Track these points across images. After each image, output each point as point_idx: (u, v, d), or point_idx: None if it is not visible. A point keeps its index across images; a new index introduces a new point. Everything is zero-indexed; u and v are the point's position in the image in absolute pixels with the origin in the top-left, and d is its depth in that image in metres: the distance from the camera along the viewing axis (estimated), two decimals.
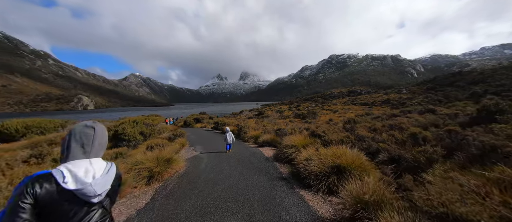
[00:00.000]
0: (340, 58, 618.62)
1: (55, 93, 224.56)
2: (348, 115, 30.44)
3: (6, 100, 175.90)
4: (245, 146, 9.87)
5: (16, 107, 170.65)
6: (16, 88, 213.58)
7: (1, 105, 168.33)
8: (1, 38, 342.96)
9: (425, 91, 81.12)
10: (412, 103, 51.57)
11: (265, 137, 9.66)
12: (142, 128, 10.52)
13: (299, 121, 24.49)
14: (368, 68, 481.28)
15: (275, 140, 9.33)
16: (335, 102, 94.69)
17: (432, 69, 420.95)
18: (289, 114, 33.91)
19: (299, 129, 10.84)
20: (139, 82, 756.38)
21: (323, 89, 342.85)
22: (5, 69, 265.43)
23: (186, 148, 9.63)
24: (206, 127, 20.99)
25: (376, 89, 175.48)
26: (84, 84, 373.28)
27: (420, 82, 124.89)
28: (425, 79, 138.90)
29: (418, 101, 52.40)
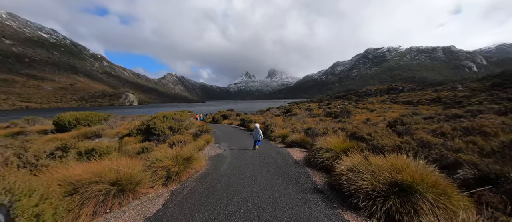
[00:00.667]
0: (378, 52, 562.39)
1: (108, 91, 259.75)
2: (390, 114, 26.84)
3: (73, 97, 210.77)
4: (272, 145, 9.05)
5: (79, 102, 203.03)
6: (80, 86, 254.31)
7: (69, 100, 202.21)
8: (69, 44, 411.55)
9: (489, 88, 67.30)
10: (470, 102, 43.29)
11: (294, 136, 8.66)
12: (171, 123, 10.61)
13: (331, 120, 22.45)
14: (412, 63, 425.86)
15: (305, 140, 8.28)
16: (372, 101, 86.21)
17: (499, 61, 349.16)
18: (319, 112, 31.67)
19: (333, 129, 9.46)
20: (175, 80, 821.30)
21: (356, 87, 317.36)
22: (72, 70, 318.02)
23: (211, 144, 9.29)
24: (232, 123, 20.81)
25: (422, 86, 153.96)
26: (130, 83, 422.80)
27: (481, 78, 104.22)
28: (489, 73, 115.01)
29: (478, 100, 43.74)
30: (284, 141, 9.16)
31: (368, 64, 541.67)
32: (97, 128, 10.88)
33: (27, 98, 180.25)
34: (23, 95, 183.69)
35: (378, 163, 3.63)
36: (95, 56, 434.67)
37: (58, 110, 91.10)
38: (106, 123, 12.63)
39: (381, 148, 4.52)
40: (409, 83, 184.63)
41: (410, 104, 59.72)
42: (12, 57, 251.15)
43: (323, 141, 6.36)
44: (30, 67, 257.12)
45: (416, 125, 7.86)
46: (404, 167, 3.36)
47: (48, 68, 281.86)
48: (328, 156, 5.49)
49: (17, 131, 13.60)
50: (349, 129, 9.29)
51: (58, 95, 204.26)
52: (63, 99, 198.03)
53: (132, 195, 3.96)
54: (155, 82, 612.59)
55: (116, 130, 11.12)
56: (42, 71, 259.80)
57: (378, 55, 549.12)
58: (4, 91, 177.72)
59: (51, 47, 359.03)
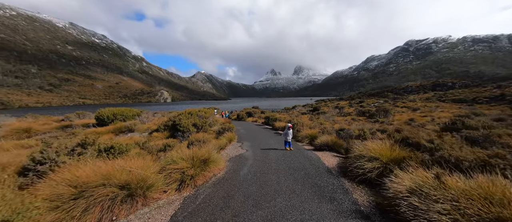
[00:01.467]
0: (421, 44, 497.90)
1: (146, 89, 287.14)
2: (438, 114, 22.96)
3: (118, 94, 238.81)
4: (299, 147, 8.13)
5: (124, 99, 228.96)
6: (124, 85, 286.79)
7: (115, 97, 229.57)
8: (116, 48, 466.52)
9: None
10: None
11: (324, 138, 7.57)
12: (195, 119, 10.51)
13: (365, 119, 20.12)
14: (466, 55, 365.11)
15: (338, 143, 7.15)
16: (413, 99, 76.72)
17: None
18: (351, 111, 29.00)
19: (370, 131, 8.03)
20: (203, 79, 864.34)
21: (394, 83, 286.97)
22: (118, 71, 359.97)
23: (233, 143, 8.82)
24: (257, 121, 20.27)
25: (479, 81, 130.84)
26: (165, 81, 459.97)
27: None
28: None
29: None
30: (312, 142, 8.14)
31: (409, 58, 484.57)
32: (131, 122, 11.49)
33: (83, 96, 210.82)
34: (80, 93, 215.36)
35: (459, 187, 2.49)
36: (136, 58, 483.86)
37: (106, 106, 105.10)
38: (138, 118, 13.33)
39: (455, 162, 3.26)
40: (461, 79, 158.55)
41: (462, 103, 51.18)
42: (73, 61, 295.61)
43: (362, 147, 5.21)
44: (86, 68, 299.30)
45: (492, 130, 6.00)
46: (509, 198, 2.19)
47: (99, 69, 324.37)
48: (371, 167, 4.37)
49: (67, 124, 15.26)
50: (391, 131, 7.79)
51: (107, 93, 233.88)
52: (111, 97, 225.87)
53: (142, 200, 3.59)
54: (186, 80, 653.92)
55: (147, 125, 11.58)
56: (95, 72, 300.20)
57: (422, 47, 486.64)
58: (67, 89, 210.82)
59: (102, 50, 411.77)
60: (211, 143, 6.96)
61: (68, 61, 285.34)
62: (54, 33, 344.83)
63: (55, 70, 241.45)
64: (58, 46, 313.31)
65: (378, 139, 6.08)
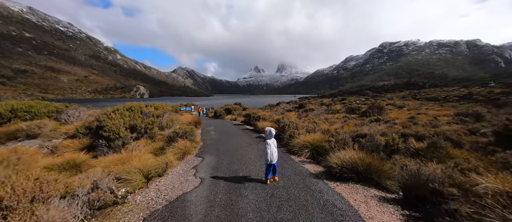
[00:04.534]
0: (394, 47, 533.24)
1: (121, 83, 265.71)
2: (431, 112, 22.30)
3: (87, 88, 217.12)
4: (295, 167, 4.99)
5: (93, 94, 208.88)
6: (94, 79, 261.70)
7: (83, 92, 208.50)
8: (85, 38, 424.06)
9: None
10: (510, 99, 37.43)
11: (344, 154, 4.38)
12: (135, 119, 7.34)
13: (357, 117, 18.44)
14: (431, 58, 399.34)
15: (375, 166, 3.96)
16: (391, 97, 79.97)
17: None
18: (339, 108, 27.52)
19: (398, 136, 5.71)
20: (185, 74, 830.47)
21: (370, 82, 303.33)
22: (87, 63, 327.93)
23: (188, 159, 5.74)
24: (236, 119, 17.43)
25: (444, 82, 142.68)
26: (142, 76, 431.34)
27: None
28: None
29: None
30: (317, 157, 5.41)
31: (383, 59, 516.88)
32: (37, 123, 7.72)
33: (45, 89, 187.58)
34: (41, 86, 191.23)
35: None
36: (109, 49, 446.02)
37: (71, 101, 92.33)
38: (63, 115, 9.55)
39: None
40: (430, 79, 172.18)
41: (434, 102, 53.71)
42: (32, 50, 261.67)
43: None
44: (48, 59, 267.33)
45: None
46: None
47: (65, 61, 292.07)
48: None
49: None
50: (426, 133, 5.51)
51: (73, 87, 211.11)
52: (78, 91, 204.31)
53: None
54: (166, 75, 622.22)
55: (69, 126, 8.08)
56: (59, 63, 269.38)
57: (395, 49, 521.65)
58: (24, 82, 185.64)
59: (68, 40, 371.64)
60: (131, 163, 3.97)
61: (26, 51, 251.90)
62: (8, 18, 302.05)
63: (8, 59, 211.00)
64: (14, 33, 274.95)
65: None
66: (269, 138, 4.05)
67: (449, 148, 5.19)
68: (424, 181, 2.87)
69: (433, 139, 5.37)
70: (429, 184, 2.77)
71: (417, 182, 2.97)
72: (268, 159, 3.91)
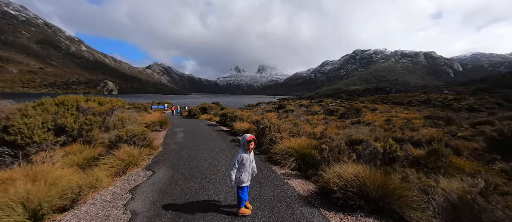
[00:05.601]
0: (365, 54, 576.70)
1: (85, 77, 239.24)
2: (403, 115, 23.31)
3: (43, 82, 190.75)
4: (277, 179, 3.99)
5: (50, 88, 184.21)
6: (51, 71, 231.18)
7: (37, 86, 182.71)
8: (41, 24, 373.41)
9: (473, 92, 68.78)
10: (460, 105, 42.36)
11: (345, 170, 3.20)
12: (65, 117, 5.45)
13: (336, 119, 18.26)
14: (396, 66, 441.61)
15: (388, 186, 2.77)
16: (363, 100, 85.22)
17: (473, 69, 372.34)
18: (317, 109, 27.55)
19: (393, 141, 4.90)
20: (161, 70, 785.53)
21: (344, 86, 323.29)
22: (44, 53, 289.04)
23: (132, 173, 4.09)
24: (211, 119, 15.81)
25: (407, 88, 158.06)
26: (111, 70, 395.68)
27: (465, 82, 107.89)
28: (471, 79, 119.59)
29: (468, 104, 42.87)
30: (304, 168, 4.34)
31: (356, 65, 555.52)
32: None
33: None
34: None
35: None
36: (71, 39, 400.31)
37: (22, 95, 78.75)
38: None
39: None
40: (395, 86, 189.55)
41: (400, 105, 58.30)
42: None
43: None
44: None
45: None
46: None
47: (14, 49, 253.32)
48: None
49: None
50: (423, 139, 4.77)
51: (25, 80, 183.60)
52: (30, 84, 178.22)
53: None
54: (139, 71, 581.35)
55: None
56: (7, 51, 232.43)
57: (365, 56, 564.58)
58: None
59: (20, 25, 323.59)
60: None
61: None
62: None
63: None
64: None
65: None
66: (244, 150, 2.69)
67: (451, 156, 4.52)
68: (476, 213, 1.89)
69: (433, 146, 4.66)
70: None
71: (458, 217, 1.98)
72: (242, 180, 2.63)
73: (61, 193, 2.83)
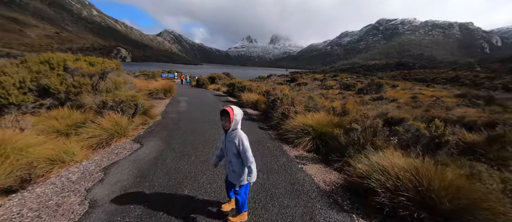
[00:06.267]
0: (390, 24, 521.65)
1: (99, 44, 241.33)
2: (429, 93, 21.14)
3: (59, 47, 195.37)
4: (290, 164, 3.13)
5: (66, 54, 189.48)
6: (67, 36, 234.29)
7: (55, 50, 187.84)
8: None
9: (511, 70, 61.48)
10: (493, 84, 37.86)
11: (394, 160, 2.18)
12: (49, 77, 4.75)
13: (354, 94, 16.76)
14: (424, 39, 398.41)
15: (457, 188, 1.76)
16: (381, 76, 79.68)
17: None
18: (333, 84, 25.73)
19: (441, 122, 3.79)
20: (171, 38, 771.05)
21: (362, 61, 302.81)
22: (58, 17, 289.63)
23: (117, 144, 3.47)
24: (219, 89, 15.00)
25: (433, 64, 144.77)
26: (122, 37, 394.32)
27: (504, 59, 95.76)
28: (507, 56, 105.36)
29: (503, 83, 38.17)
30: (323, 150, 3.48)
31: (378, 37, 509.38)
32: None
33: (9, 44, 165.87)
34: (3, 40, 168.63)
35: None
36: (82, 3, 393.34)
37: None
38: None
39: None
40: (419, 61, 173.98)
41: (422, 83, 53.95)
42: None
43: None
44: (8, 9, 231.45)
45: None
46: None
47: (29, 12, 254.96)
48: None
49: None
50: None
51: (43, 44, 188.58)
52: (49, 49, 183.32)
53: None
54: (150, 38, 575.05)
55: None
56: (23, 15, 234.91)
57: (390, 27, 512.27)
58: None
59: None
60: None
61: None
62: None
63: None
64: None
65: None
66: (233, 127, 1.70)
67: None
68: None
69: (498, 131, 3.52)
70: None
71: None
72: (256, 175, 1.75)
73: (18, 168, 2.20)
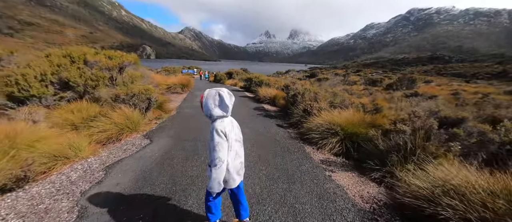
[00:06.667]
0: (423, 14, 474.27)
1: (127, 42, 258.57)
2: (471, 89, 18.60)
3: (92, 45, 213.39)
4: (316, 173, 2.53)
5: None
6: (99, 35, 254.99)
7: None
8: None
9: None
10: None
11: (470, 180, 1.39)
12: (69, 70, 4.80)
13: (382, 90, 15.27)
14: (463, 29, 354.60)
15: None
16: (411, 71, 73.00)
17: None
18: (356, 80, 24.01)
19: None
20: (192, 36, 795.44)
21: (389, 55, 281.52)
22: (91, 18, 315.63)
23: (127, 140, 3.26)
24: (236, 84, 14.76)
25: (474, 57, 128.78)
26: (147, 35, 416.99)
27: None
28: None
29: None
30: (354, 155, 2.83)
31: (408, 29, 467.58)
32: None
33: (52, 44, 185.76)
34: (48, 40, 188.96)
35: None
36: (112, 4, 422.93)
37: None
38: None
39: None
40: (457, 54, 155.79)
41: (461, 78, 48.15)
42: (34, 0, 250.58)
43: None
44: (52, 12, 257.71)
45: None
46: None
47: (68, 14, 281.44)
48: None
49: None
50: None
51: (79, 43, 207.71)
52: None
53: None
54: (173, 36, 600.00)
55: None
56: (61, 16, 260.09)
57: (423, 17, 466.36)
58: (31, 35, 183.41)
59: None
60: None
61: (28, 1, 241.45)
62: None
63: (13, 10, 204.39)
64: None
65: None
66: (222, 111, 1.34)
67: None
68: None
69: None
70: None
71: None
72: (217, 185, 1.32)
73: (10, 165, 2.05)
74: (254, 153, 3.14)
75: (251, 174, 2.45)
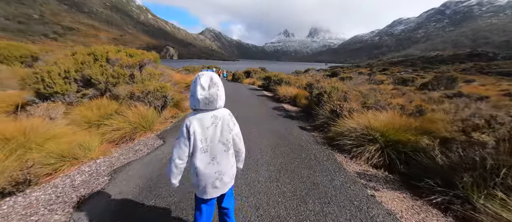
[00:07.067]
0: (461, 7, 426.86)
1: (152, 44, 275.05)
2: None
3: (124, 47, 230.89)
4: (353, 186, 2.08)
5: None
6: (128, 38, 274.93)
7: None
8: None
9: None
10: None
11: None
12: (91, 68, 4.84)
13: (415, 90, 13.76)
14: (510, 22, 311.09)
15: None
16: (447, 69, 65.97)
17: None
18: (384, 79, 22.19)
19: None
20: (212, 36, 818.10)
21: (419, 52, 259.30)
22: (122, 22, 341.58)
23: (141, 140, 2.99)
24: (254, 83, 14.45)
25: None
26: (170, 36, 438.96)
27: None
28: None
29: None
30: (402, 171, 2.09)
31: (443, 23, 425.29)
32: None
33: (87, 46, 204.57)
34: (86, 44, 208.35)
35: None
36: (140, 8, 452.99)
37: None
38: (36, 62, 7.55)
39: None
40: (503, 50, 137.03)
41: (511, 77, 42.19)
42: (75, 7, 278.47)
43: None
44: (89, 18, 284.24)
45: None
46: None
47: (103, 19, 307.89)
48: None
49: None
50: None
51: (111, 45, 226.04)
52: None
53: None
54: (194, 37, 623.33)
55: None
56: (97, 21, 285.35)
57: (461, 10, 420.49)
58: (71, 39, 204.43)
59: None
60: None
61: (70, 8, 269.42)
62: None
63: (57, 17, 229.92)
64: None
65: None
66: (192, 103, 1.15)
67: None
68: None
69: None
70: None
71: None
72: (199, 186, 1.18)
73: (8, 168, 1.90)
74: (275, 160, 2.71)
75: (273, 189, 2.03)
